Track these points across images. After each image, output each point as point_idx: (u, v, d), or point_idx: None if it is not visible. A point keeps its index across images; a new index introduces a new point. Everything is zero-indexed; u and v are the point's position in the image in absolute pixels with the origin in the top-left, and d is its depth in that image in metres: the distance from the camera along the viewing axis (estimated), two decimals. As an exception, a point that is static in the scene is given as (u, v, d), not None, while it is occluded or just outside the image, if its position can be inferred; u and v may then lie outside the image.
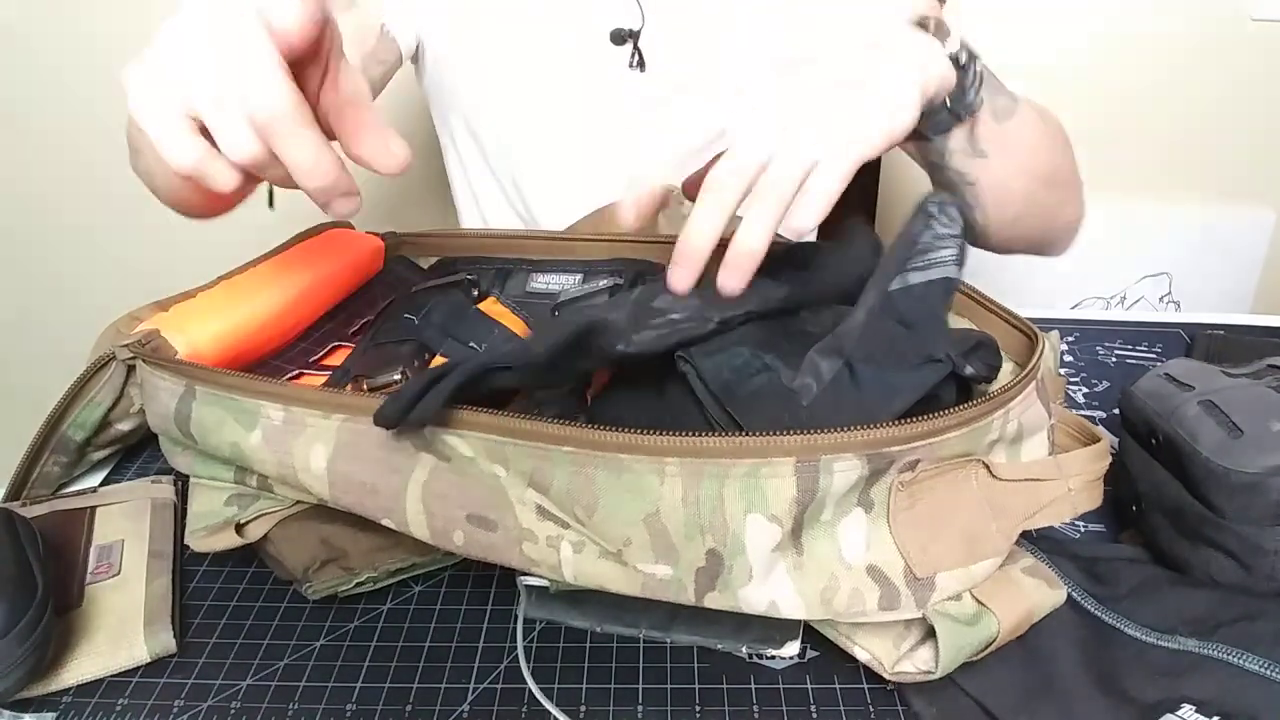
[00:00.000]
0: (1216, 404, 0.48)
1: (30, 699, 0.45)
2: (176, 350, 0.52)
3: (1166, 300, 1.61)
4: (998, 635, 0.42)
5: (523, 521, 0.42)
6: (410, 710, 0.44)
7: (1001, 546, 0.43)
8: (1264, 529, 0.45)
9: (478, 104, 0.86)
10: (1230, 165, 1.53)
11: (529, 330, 0.61)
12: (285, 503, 0.52)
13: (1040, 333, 0.48)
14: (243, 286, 0.58)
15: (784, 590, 0.40)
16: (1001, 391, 0.41)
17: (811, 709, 0.44)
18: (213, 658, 0.47)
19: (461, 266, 0.68)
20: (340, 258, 0.64)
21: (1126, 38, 1.45)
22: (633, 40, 0.80)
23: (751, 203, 0.43)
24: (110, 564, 0.50)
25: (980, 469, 0.42)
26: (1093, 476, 0.45)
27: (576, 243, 0.69)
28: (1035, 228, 0.68)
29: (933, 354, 0.42)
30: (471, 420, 0.42)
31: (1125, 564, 0.50)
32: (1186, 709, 0.42)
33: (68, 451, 0.58)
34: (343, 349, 0.60)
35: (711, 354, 0.42)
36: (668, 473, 0.39)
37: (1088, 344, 0.77)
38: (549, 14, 0.81)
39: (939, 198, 0.45)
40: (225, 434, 0.48)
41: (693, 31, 0.81)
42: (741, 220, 0.44)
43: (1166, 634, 0.45)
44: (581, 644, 0.48)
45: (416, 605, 0.51)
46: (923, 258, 0.45)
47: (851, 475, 0.38)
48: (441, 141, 0.93)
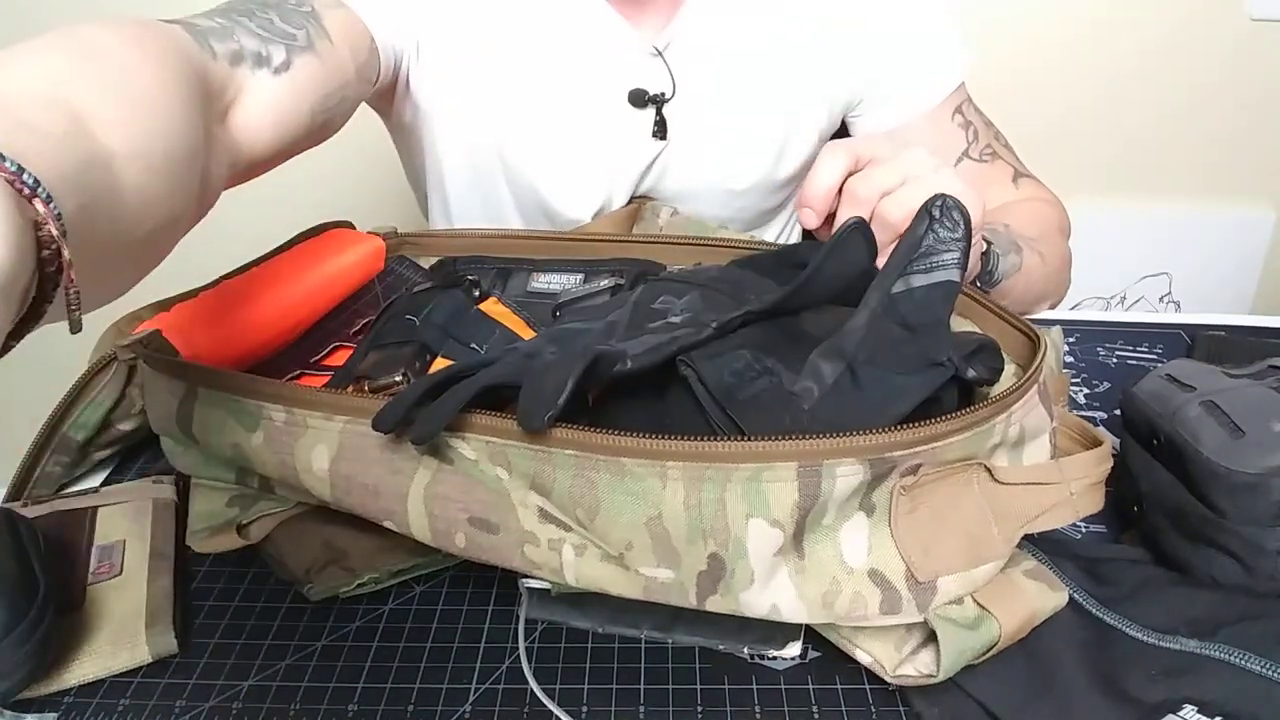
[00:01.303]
0: (1218, 404, 0.48)
1: (32, 699, 0.45)
2: (178, 351, 0.52)
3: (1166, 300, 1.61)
4: (999, 639, 0.42)
5: (525, 524, 0.42)
6: (412, 711, 0.44)
7: (1003, 550, 0.43)
8: (1265, 529, 0.45)
9: (499, 133, 0.80)
10: (1231, 165, 1.53)
11: (530, 330, 0.61)
12: (287, 504, 0.52)
13: (1042, 335, 0.48)
14: (244, 287, 0.58)
15: (785, 594, 0.40)
16: (1003, 395, 0.41)
17: (813, 709, 0.44)
18: (214, 658, 0.47)
19: (462, 266, 0.68)
20: (341, 258, 0.64)
21: (1126, 39, 1.45)
22: (656, 107, 0.77)
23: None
24: (112, 564, 0.50)
25: (982, 473, 0.42)
26: (1094, 480, 0.45)
27: (577, 242, 0.69)
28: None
29: (935, 357, 0.42)
30: (474, 423, 0.42)
31: (1127, 565, 0.50)
32: (1188, 709, 0.42)
33: (69, 452, 0.58)
34: (344, 349, 0.60)
35: (712, 357, 0.42)
36: (669, 476, 0.39)
37: (1088, 345, 0.77)
38: (572, 70, 0.77)
39: (942, 201, 0.45)
40: (227, 435, 0.48)
41: (720, 106, 0.78)
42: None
43: (1168, 634, 0.46)
44: (583, 645, 0.48)
45: (418, 606, 0.51)
46: (925, 261, 0.45)
47: (854, 480, 0.38)
48: (419, 161, 0.85)
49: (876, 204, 0.51)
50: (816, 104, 0.80)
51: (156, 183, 0.36)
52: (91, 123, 0.33)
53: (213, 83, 0.46)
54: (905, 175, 0.51)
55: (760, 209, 0.85)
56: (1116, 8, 1.42)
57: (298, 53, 0.55)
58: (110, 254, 0.34)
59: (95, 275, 0.33)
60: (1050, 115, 1.45)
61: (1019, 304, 0.73)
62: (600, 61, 0.76)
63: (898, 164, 0.51)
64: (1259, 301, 1.61)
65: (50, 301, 0.29)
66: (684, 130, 0.78)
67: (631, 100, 0.77)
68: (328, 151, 0.62)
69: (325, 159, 0.64)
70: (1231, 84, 1.47)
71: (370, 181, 1.43)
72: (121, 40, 0.39)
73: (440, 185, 0.83)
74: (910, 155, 0.52)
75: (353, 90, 0.63)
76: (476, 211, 0.83)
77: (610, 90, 0.77)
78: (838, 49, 0.79)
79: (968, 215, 0.45)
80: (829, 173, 0.52)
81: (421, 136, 0.81)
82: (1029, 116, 1.22)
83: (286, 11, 0.58)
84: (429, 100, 0.78)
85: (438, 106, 0.78)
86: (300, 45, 0.56)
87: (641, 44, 0.76)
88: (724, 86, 0.78)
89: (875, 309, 0.43)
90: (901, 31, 0.79)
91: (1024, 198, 0.82)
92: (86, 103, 0.33)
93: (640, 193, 0.81)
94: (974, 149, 0.81)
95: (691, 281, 0.52)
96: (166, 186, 0.36)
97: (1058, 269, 0.77)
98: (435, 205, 0.86)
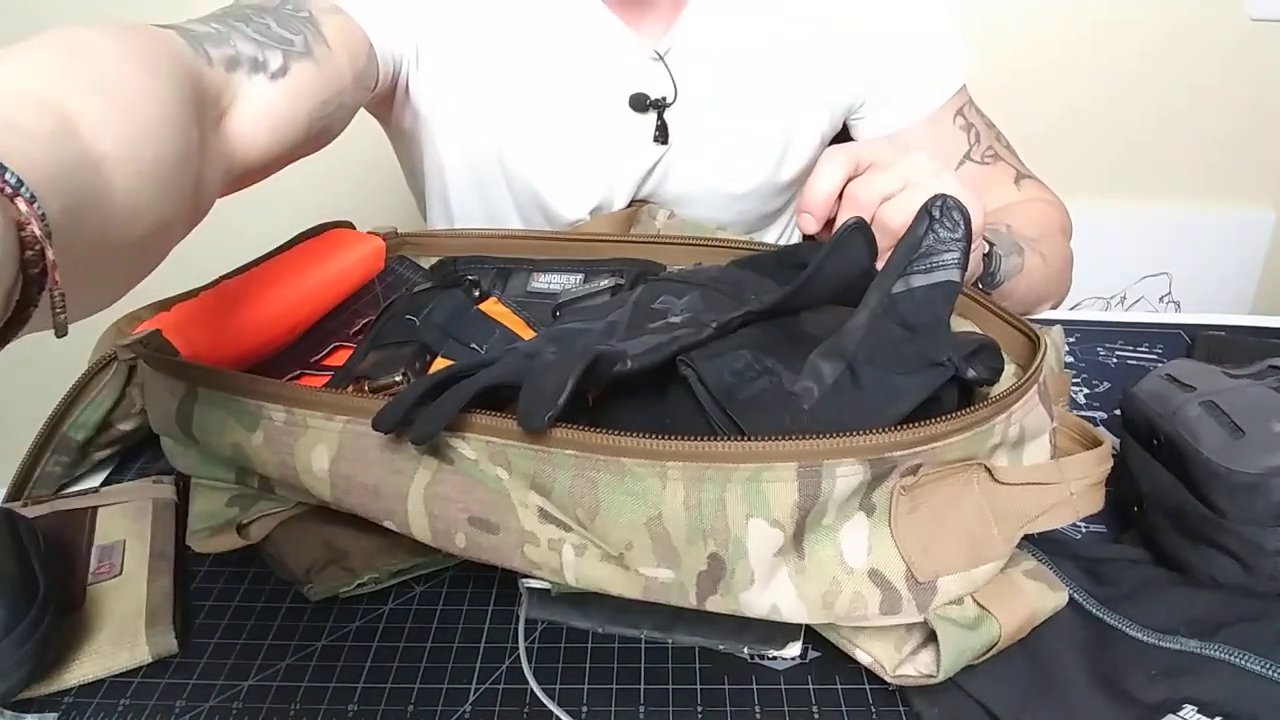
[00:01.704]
0: (1218, 405, 0.48)
1: (32, 699, 0.45)
2: (178, 351, 0.52)
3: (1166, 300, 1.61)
4: (999, 639, 0.42)
5: (525, 524, 0.42)
6: (412, 711, 0.44)
7: (1003, 550, 0.43)
8: (1265, 529, 0.45)
9: (499, 135, 0.79)
10: (1231, 165, 1.53)
11: (530, 330, 0.61)
12: (287, 504, 0.52)
13: (1042, 334, 0.48)
14: (244, 287, 0.58)
15: (785, 594, 0.40)
16: (1003, 395, 0.41)
17: (813, 709, 0.44)
18: (214, 658, 0.47)
19: (462, 266, 0.68)
20: (341, 258, 0.64)
21: (1126, 39, 1.45)
22: (657, 111, 0.77)
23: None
24: (112, 564, 0.50)
25: (982, 473, 0.42)
26: (1094, 480, 0.45)
27: (577, 243, 0.69)
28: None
29: (935, 357, 0.42)
30: (474, 423, 0.42)
31: (1127, 565, 0.50)
32: (1188, 709, 0.42)
33: (69, 451, 0.58)
34: (344, 349, 0.60)
35: (712, 357, 0.42)
36: (669, 476, 0.39)
37: (1088, 345, 0.77)
38: (572, 74, 0.77)
39: (942, 201, 0.45)
40: (227, 435, 0.48)
41: (722, 110, 0.78)
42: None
43: (1168, 635, 0.46)
44: (583, 645, 0.48)
45: (418, 606, 0.51)
46: (925, 261, 0.45)
47: (854, 480, 0.38)
48: (419, 166, 0.84)
49: (877, 209, 0.51)
50: (818, 106, 0.80)
51: (147, 187, 0.35)
52: (81, 125, 0.32)
53: (207, 88, 0.46)
54: (906, 180, 0.51)
55: (761, 213, 0.85)
56: (1116, 8, 1.42)
57: (295, 58, 0.55)
58: (100, 258, 0.33)
59: (85, 280, 0.32)
60: (1050, 116, 1.45)
61: (1021, 305, 0.74)
62: (601, 65, 0.76)
63: (898, 169, 0.51)
64: (1259, 301, 1.61)
65: (35, 305, 0.28)
66: (685, 134, 0.78)
67: (633, 105, 0.77)
68: (328, 152, 0.62)
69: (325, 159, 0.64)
70: (1231, 84, 1.47)
71: (370, 182, 1.43)
72: (114, 43, 0.38)
73: (441, 189, 0.83)
74: (911, 160, 0.51)
75: (350, 96, 0.63)
76: (477, 214, 0.83)
77: (611, 94, 0.77)
78: (838, 50, 0.79)
79: (968, 215, 0.45)
80: (828, 178, 0.52)
81: (421, 141, 0.81)
82: (1029, 117, 1.23)
83: (284, 17, 0.58)
84: (429, 105, 0.78)
85: (438, 109, 0.78)
86: (297, 51, 0.56)
87: (643, 48, 0.76)
88: (725, 90, 0.78)
89: (875, 309, 0.43)
90: (901, 32, 0.79)
91: (1026, 199, 0.82)
92: (76, 104, 0.33)
93: (641, 196, 0.80)
94: (976, 151, 0.81)
95: (691, 281, 0.52)
96: (158, 191, 0.36)
97: (1059, 270, 0.78)
98: (435, 209, 0.86)
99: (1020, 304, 0.73)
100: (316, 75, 0.57)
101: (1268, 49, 1.45)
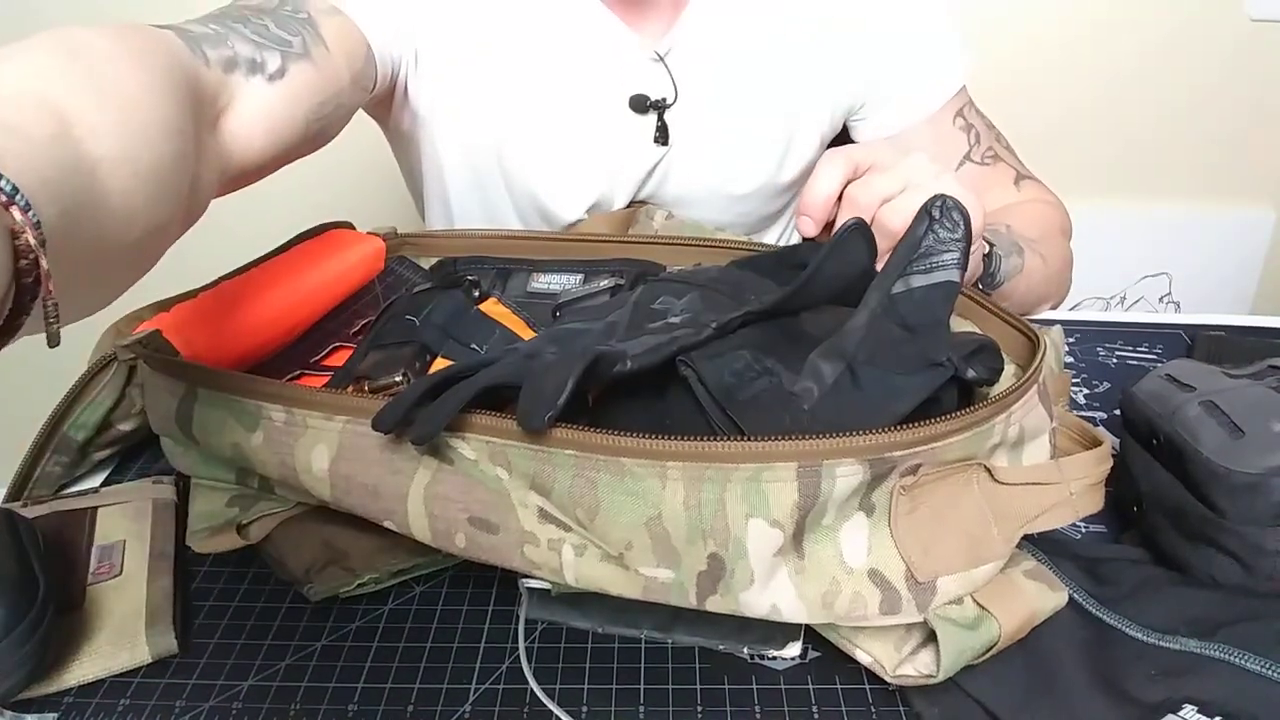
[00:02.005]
0: (1218, 405, 0.48)
1: (32, 699, 0.45)
2: (178, 351, 0.52)
3: (1166, 300, 1.61)
4: (999, 639, 0.42)
5: (524, 524, 0.42)
6: (412, 711, 0.44)
7: (1002, 550, 0.43)
8: (1265, 529, 0.45)
9: (497, 135, 0.78)
10: (1231, 165, 1.53)
11: (530, 330, 0.61)
12: (287, 504, 0.52)
13: (1042, 335, 0.48)
14: (244, 287, 0.58)
15: (785, 594, 0.40)
16: (1003, 395, 0.41)
17: (813, 709, 0.44)
18: (214, 658, 0.47)
19: (462, 267, 0.68)
20: (341, 258, 0.64)
21: (1126, 39, 1.45)
22: (658, 112, 0.77)
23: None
24: (112, 564, 0.50)
25: (982, 473, 0.42)
26: (1094, 480, 0.45)
27: (577, 243, 0.69)
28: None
29: (934, 357, 0.42)
30: (474, 423, 0.42)
31: (1126, 565, 0.50)
32: (1188, 709, 0.42)
33: (69, 452, 0.58)
34: (344, 350, 0.60)
35: (712, 357, 0.42)
36: (669, 476, 0.39)
37: (1088, 345, 0.77)
38: (572, 75, 0.77)
39: (942, 201, 0.45)
40: (227, 435, 0.48)
41: (722, 110, 0.78)
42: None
43: (1168, 634, 0.46)
44: (583, 645, 0.48)
45: (418, 606, 0.51)
46: (925, 261, 0.45)
47: (853, 480, 0.38)
48: (418, 168, 0.84)
49: (876, 211, 0.51)
50: (818, 107, 0.80)
51: (144, 188, 0.35)
52: (77, 127, 0.32)
53: (204, 89, 0.46)
54: (905, 182, 0.51)
55: (761, 214, 0.85)
56: (1116, 8, 1.42)
57: (293, 60, 0.55)
58: (95, 261, 0.33)
59: (81, 283, 0.32)
60: (1050, 116, 1.45)
61: (1020, 305, 0.74)
62: (601, 66, 0.76)
63: (898, 171, 0.51)
64: (1259, 301, 1.61)
65: (28, 314, 0.28)
66: (686, 135, 0.78)
67: (633, 106, 0.77)
68: (327, 152, 0.62)
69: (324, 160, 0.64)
70: (1231, 84, 1.47)
71: (370, 182, 1.43)
72: (112, 44, 0.38)
73: (440, 190, 0.83)
74: (910, 162, 0.51)
75: (348, 98, 0.63)
76: (476, 215, 0.83)
77: (611, 95, 0.77)
78: (838, 51, 0.79)
79: (968, 216, 0.45)
80: (828, 180, 0.52)
81: (420, 142, 0.81)
82: (1029, 117, 1.23)
83: (282, 18, 0.58)
84: (428, 105, 0.77)
85: (437, 109, 0.78)
86: (295, 52, 0.56)
87: (643, 49, 0.76)
88: (726, 91, 0.78)
89: (875, 309, 0.43)
90: (901, 32, 0.79)
91: (1026, 199, 0.82)
92: (74, 106, 0.33)
93: (641, 198, 0.80)
94: (976, 152, 0.81)
95: (691, 282, 0.52)
96: (154, 192, 0.36)
97: (1059, 270, 0.78)
98: (434, 210, 0.86)
99: (1020, 304, 0.73)
100: (314, 77, 0.57)
101: (1268, 49, 1.45)
